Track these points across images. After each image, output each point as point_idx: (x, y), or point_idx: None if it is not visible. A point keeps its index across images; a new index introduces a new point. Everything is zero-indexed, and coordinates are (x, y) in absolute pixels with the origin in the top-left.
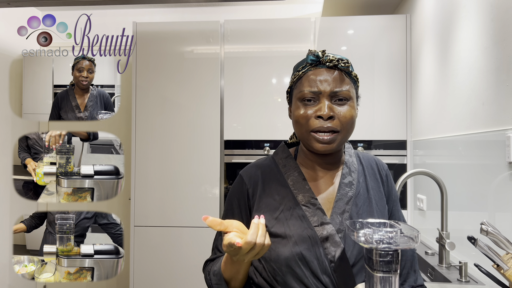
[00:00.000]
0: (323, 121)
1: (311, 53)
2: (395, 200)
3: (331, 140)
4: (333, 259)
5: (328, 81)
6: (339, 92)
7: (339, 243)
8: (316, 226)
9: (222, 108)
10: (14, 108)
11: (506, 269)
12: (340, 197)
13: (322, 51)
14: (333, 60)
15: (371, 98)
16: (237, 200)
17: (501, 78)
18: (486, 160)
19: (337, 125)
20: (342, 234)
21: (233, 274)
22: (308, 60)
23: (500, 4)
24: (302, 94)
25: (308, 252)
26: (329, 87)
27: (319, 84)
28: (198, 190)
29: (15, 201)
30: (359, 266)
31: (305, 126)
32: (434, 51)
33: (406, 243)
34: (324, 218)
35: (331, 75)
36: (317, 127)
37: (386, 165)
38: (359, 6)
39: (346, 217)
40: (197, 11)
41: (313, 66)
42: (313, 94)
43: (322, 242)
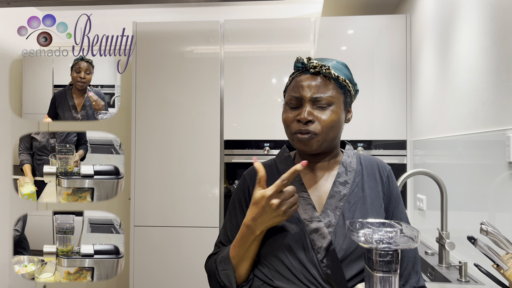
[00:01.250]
0: (302, 124)
1: (298, 61)
2: (396, 201)
3: (308, 141)
4: (320, 250)
5: (310, 87)
6: (319, 98)
7: (326, 235)
8: (306, 220)
9: (222, 108)
10: (14, 108)
11: (506, 269)
12: (333, 194)
13: (308, 58)
14: (316, 67)
15: (371, 98)
16: (239, 199)
17: (501, 78)
18: (486, 160)
19: (316, 128)
20: (332, 229)
21: (240, 257)
22: (294, 67)
23: (500, 4)
24: (288, 99)
25: (295, 244)
26: (310, 93)
27: (301, 90)
28: (198, 190)
29: (15, 201)
30: (349, 260)
31: (289, 129)
32: (434, 51)
33: (406, 243)
34: (314, 213)
35: (314, 82)
36: (296, 129)
37: (388, 167)
38: (359, 6)
39: (338, 213)
40: (197, 11)
41: (300, 73)
42: (296, 99)
43: (310, 234)
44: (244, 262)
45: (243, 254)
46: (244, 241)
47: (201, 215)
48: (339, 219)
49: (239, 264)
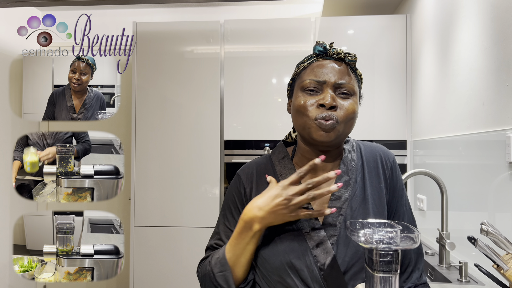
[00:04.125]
0: (325, 109)
1: (319, 44)
2: (400, 194)
3: (332, 127)
4: (323, 267)
5: (333, 72)
6: (343, 85)
7: (330, 250)
8: (307, 233)
9: (222, 108)
10: (14, 108)
11: (506, 269)
12: (335, 199)
13: (330, 43)
14: (340, 53)
15: (371, 98)
16: (234, 199)
17: (501, 78)
18: (486, 160)
19: (339, 115)
20: (334, 239)
21: (237, 255)
22: (315, 51)
23: (500, 4)
24: (306, 83)
25: (298, 261)
26: (334, 78)
27: (324, 74)
28: (198, 190)
29: (15, 201)
30: (351, 273)
31: (307, 114)
32: (434, 51)
33: (406, 243)
34: (316, 223)
35: (337, 67)
36: (319, 115)
37: (392, 156)
38: (359, 6)
39: (340, 220)
40: (197, 11)
41: (319, 57)
42: (317, 84)
43: (312, 249)
44: (242, 259)
45: (240, 253)
46: (241, 238)
47: (201, 215)
48: (341, 229)
49: (236, 263)
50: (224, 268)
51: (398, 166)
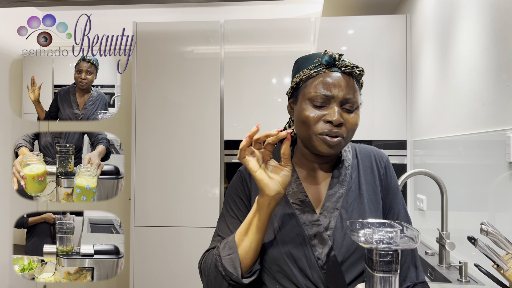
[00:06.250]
0: (332, 126)
1: (328, 54)
2: (395, 192)
3: (337, 145)
4: (321, 256)
5: (341, 86)
6: (350, 100)
7: (327, 241)
8: (305, 224)
9: (222, 108)
10: (14, 108)
11: (506, 269)
12: (330, 195)
13: (339, 54)
14: (348, 66)
15: (371, 98)
16: (238, 194)
17: (501, 78)
18: (486, 160)
19: (344, 131)
20: (331, 232)
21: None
22: (323, 61)
23: (500, 4)
24: (313, 96)
25: (296, 250)
26: (342, 93)
27: (332, 89)
28: (198, 190)
29: (15, 201)
30: (348, 263)
31: (313, 129)
32: (434, 51)
33: (406, 243)
34: (314, 216)
35: (345, 81)
36: (326, 131)
37: (386, 156)
38: (359, 6)
39: (336, 215)
40: (197, 11)
41: (327, 68)
42: (324, 98)
43: (310, 239)
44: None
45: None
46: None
47: (201, 215)
48: (337, 221)
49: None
50: (232, 250)
51: (392, 166)
